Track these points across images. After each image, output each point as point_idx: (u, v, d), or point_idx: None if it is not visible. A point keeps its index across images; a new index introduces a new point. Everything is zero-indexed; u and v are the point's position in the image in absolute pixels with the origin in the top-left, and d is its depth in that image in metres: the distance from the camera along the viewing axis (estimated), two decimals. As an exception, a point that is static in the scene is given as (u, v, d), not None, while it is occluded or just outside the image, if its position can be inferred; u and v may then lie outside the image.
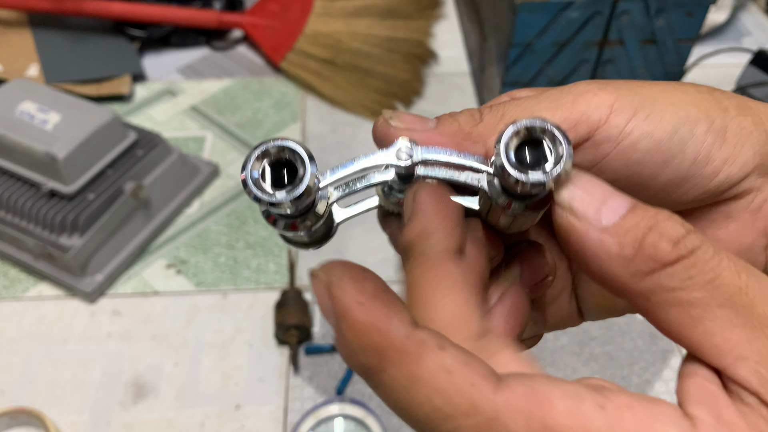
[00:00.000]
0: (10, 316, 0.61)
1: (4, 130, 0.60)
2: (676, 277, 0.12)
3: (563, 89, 0.16)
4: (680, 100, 0.15)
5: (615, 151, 0.15)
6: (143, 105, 0.84)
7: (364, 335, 0.12)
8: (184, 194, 0.71)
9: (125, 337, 0.59)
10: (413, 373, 0.12)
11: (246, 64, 0.91)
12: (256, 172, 0.15)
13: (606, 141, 0.15)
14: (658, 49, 0.68)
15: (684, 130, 0.15)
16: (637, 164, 0.15)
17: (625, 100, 0.15)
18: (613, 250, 0.13)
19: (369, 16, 0.90)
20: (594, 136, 0.15)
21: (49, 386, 0.56)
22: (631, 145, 0.15)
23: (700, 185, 0.15)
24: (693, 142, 0.15)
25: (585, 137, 0.15)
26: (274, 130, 0.81)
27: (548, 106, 0.15)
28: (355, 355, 0.12)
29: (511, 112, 0.15)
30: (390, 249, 0.73)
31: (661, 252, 0.12)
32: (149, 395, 0.55)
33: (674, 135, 0.15)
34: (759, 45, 0.95)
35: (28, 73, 0.83)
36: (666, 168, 0.15)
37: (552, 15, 0.63)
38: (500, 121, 0.15)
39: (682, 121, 0.15)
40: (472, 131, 0.15)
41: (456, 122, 0.16)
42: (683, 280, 0.12)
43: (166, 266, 0.65)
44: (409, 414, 0.12)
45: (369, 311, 0.12)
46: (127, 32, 0.90)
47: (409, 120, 0.15)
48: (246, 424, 0.53)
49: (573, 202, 0.14)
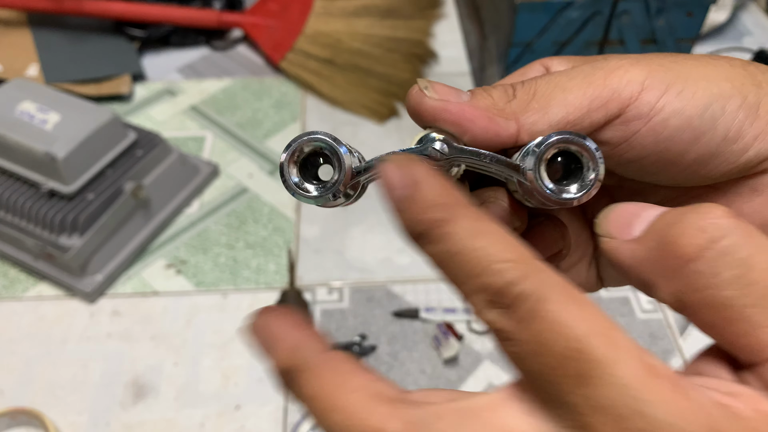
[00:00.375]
0: (10, 316, 0.61)
1: (3, 129, 0.60)
2: (703, 273, 0.12)
3: (595, 64, 0.16)
4: (713, 75, 0.15)
5: (645, 128, 0.15)
6: (143, 105, 0.84)
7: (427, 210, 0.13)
8: (183, 194, 0.70)
9: (125, 338, 0.59)
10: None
11: (246, 63, 0.91)
12: (296, 176, 0.15)
13: (637, 118, 0.15)
14: (658, 49, 0.68)
15: (716, 107, 0.15)
16: (668, 140, 0.15)
17: (656, 75, 0.15)
18: (641, 255, 0.13)
19: (369, 15, 0.90)
20: (625, 113, 0.15)
21: (49, 386, 0.56)
22: (662, 121, 0.15)
23: (729, 161, 0.15)
24: (724, 119, 0.15)
25: (616, 114, 0.15)
26: (274, 130, 0.81)
27: (580, 83, 0.15)
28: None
29: (543, 89, 0.15)
30: (389, 249, 0.73)
31: (682, 247, 0.12)
32: (149, 395, 0.55)
33: (706, 112, 0.15)
34: (759, 45, 0.95)
35: (27, 73, 0.83)
36: (696, 144, 0.15)
37: (552, 15, 0.63)
38: (533, 99, 0.15)
39: (714, 97, 0.15)
40: (504, 108, 0.15)
41: (490, 97, 0.16)
42: (710, 276, 0.12)
43: (165, 266, 0.65)
44: (465, 254, 0.12)
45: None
46: (127, 32, 0.90)
47: (444, 91, 0.15)
48: (246, 424, 0.53)
49: (609, 226, 0.14)
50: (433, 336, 0.58)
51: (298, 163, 0.16)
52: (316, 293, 0.63)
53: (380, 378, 0.13)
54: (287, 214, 0.71)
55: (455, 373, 0.56)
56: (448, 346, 0.56)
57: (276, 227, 0.69)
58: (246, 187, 0.74)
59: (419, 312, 0.60)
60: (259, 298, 0.62)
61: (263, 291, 0.63)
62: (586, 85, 0.15)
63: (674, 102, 0.15)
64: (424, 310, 0.60)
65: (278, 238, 0.68)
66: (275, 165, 0.76)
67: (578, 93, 0.15)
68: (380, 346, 0.58)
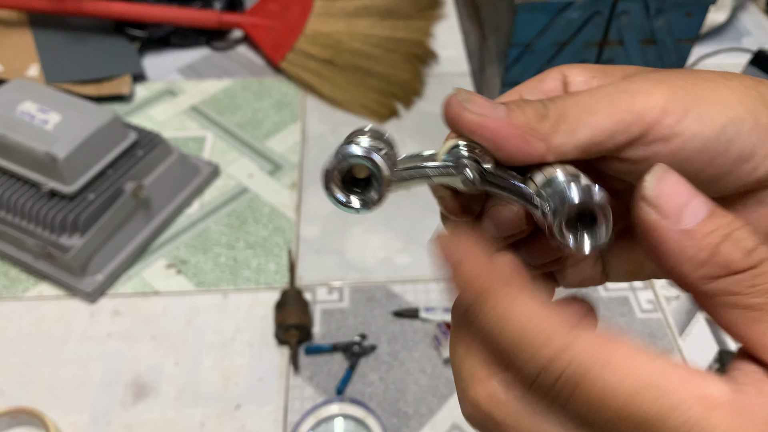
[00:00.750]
0: (10, 316, 0.61)
1: (4, 130, 0.60)
2: (741, 284, 0.14)
3: (620, 85, 0.16)
4: (729, 98, 0.16)
5: (665, 149, 0.16)
6: (143, 105, 0.84)
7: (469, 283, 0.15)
8: (184, 194, 0.71)
9: (125, 337, 0.59)
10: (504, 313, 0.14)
11: (246, 64, 0.92)
12: (341, 194, 0.16)
13: (658, 140, 0.16)
14: (657, 49, 0.68)
15: (731, 130, 0.16)
16: (685, 160, 0.16)
17: (677, 99, 0.16)
18: (690, 253, 0.14)
19: (369, 16, 0.90)
20: (647, 135, 0.16)
21: (50, 386, 0.56)
22: (681, 143, 0.16)
23: (740, 179, 0.16)
24: (738, 141, 0.16)
25: (638, 136, 0.16)
26: (274, 131, 0.81)
27: (606, 106, 0.16)
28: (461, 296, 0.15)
29: (572, 111, 0.16)
30: (389, 249, 0.74)
31: (734, 261, 0.14)
32: (149, 395, 0.55)
33: (721, 135, 0.16)
34: (759, 45, 0.95)
35: (28, 73, 0.83)
36: (711, 164, 0.16)
37: (552, 15, 0.63)
38: (562, 121, 0.16)
39: (730, 121, 0.16)
40: (537, 128, 0.16)
41: (524, 115, 0.16)
42: (747, 287, 0.14)
43: (166, 266, 0.65)
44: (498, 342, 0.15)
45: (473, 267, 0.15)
46: (128, 32, 0.90)
47: (482, 106, 0.16)
48: (246, 424, 0.53)
49: (660, 200, 0.14)
50: (433, 335, 0.58)
51: (340, 179, 0.17)
52: (316, 293, 0.63)
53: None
54: (287, 214, 0.71)
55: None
56: (448, 346, 0.56)
57: (276, 227, 0.69)
58: (246, 187, 0.74)
59: (419, 312, 0.60)
60: (259, 297, 0.62)
61: (263, 291, 0.63)
62: (612, 109, 0.16)
63: (693, 126, 0.16)
64: (424, 310, 0.61)
65: (278, 238, 0.68)
66: (275, 165, 0.76)
67: (604, 116, 0.16)
68: (380, 346, 0.58)
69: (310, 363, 0.57)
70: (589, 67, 0.18)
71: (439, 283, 0.64)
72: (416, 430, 0.53)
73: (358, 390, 0.55)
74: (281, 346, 0.59)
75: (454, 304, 0.17)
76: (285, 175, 0.75)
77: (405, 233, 0.69)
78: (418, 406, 0.54)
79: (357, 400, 0.51)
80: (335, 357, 0.58)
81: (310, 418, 0.49)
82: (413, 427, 0.53)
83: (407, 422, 0.53)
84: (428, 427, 0.53)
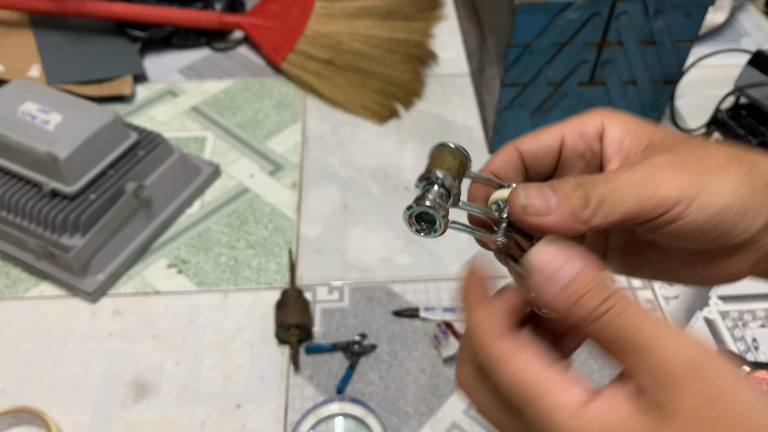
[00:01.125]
0: (12, 316, 0.61)
1: (5, 130, 0.60)
2: (599, 328, 0.19)
3: (646, 175, 0.21)
4: (726, 187, 0.21)
5: (671, 227, 0.21)
6: (144, 105, 0.85)
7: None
8: (185, 194, 0.71)
9: (126, 337, 0.59)
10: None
11: (247, 64, 0.92)
12: (413, 229, 0.23)
13: (667, 222, 0.21)
14: (657, 49, 0.68)
15: (721, 215, 0.21)
16: (685, 235, 0.21)
17: (687, 192, 0.21)
18: (560, 306, 0.20)
19: (369, 17, 0.91)
20: (660, 217, 0.21)
21: (51, 386, 0.56)
22: (682, 224, 0.21)
23: (720, 244, 0.22)
24: (722, 224, 0.21)
25: (654, 217, 0.21)
26: (274, 131, 0.81)
27: (635, 195, 0.21)
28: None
29: (609, 199, 0.21)
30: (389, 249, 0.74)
31: (591, 309, 0.19)
32: (150, 394, 0.55)
33: (712, 219, 0.21)
34: (757, 45, 0.96)
35: (29, 74, 0.83)
36: (697, 239, 0.21)
37: (551, 16, 0.64)
38: (600, 208, 0.21)
39: (720, 210, 0.21)
40: (581, 216, 0.21)
41: (570, 203, 0.21)
42: (606, 326, 0.19)
43: (167, 266, 0.66)
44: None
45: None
46: (129, 33, 0.90)
47: (539, 209, 0.21)
48: (247, 423, 0.53)
49: (538, 266, 0.20)
50: (433, 335, 0.58)
51: (414, 217, 0.22)
52: (316, 292, 0.63)
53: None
54: (288, 214, 0.71)
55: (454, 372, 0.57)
56: (447, 345, 0.57)
57: (277, 227, 0.69)
58: (247, 188, 0.74)
59: (419, 311, 0.61)
60: (259, 297, 0.63)
61: (264, 290, 0.63)
62: (639, 197, 0.21)
63: (694, 213, 0.21)
64: (423, 310, 0.61)
65: (279, 237, 0.68)
66: (276, 165, 0.77)
67: (633, 203, 0.21)
68: (380, 345, 0.59)
69: (310, 362, 0.57)
70: (624, 123, 0.23)
71: (439, 282, 0.64)
72: (416, 429, 0.53)
73: (359, 389, 0.55)
74: (282, 345, 0.59)
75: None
76: (285, 175, 0.75)
77: (405, 233, 0.69)
78: (417, 405, 0.54)
79: (357, 399, 0.52)
80: (335, 356, 0.58)
81: (310, 417, 0.49)
82: (413, 426, 0.53)
83: (407, 421, 0.53)
84: (428, 426, 0.53)
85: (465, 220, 0.24)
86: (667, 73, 0.71)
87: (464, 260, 0.66)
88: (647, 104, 0.74)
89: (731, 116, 0.77)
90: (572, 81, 0.70)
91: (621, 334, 0.18)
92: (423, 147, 0.80)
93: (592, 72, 0.70)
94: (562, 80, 0.70)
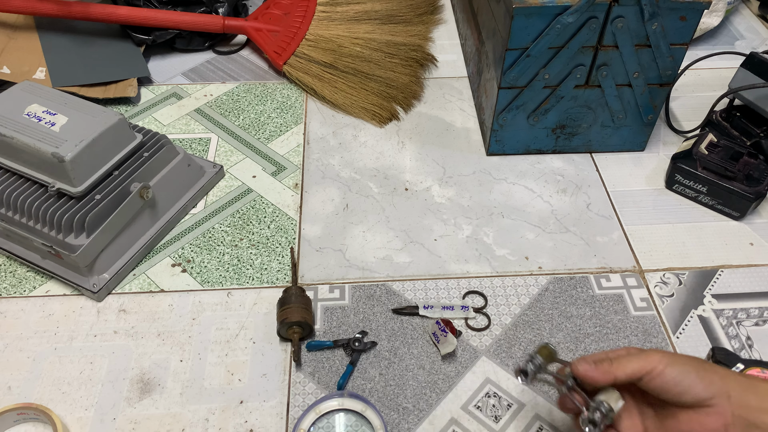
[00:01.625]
0: (18, 314, 0.62)
1: (12, 132, 0.61)
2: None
3: (645, 358, 0.42)
4: (689, 363, 0.41)
5: (653, 381, 0.41)
6: (149, 108, 0.86)
7: None
8: (189, 195, 0.72)
9: (131, 335, 0.60)
10: None
11: (249, 68, 0.93)
12: (519, 378, 0.46)
13: (652, 378, 0.41)
14: (652, 52, 0.69)
15: (679, 379, 0.40)
16: (660, 385, 0.41)
17: (663, 363, 0.41)
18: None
19: (369, 21, 0.92)
20: (647, 375, 0.41)
21: (56, 383, 0.57)
22: (659, 381, 0.41)
23: (682, 400, 0.41)
24: (681, 384, 0.40)
25: (645, 374, 0.42)
26: (277, 133, 0.82)
27: (637, 362, 0.42)
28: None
29: (622, 363, 0.42)
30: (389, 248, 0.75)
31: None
32: (155, 391, 0.56)
33: (675, 380, 0.40)
34: (751, 48, 0.97)
35: (35, 77, 0.84)
36: (669, 389, 0.41)
37: (548, 20, 0.65)
38: (619, 368, 0.42)
39: (680, 375, 0.40)
40: (609, 370, 0.42)
41: (603, 365, 0.42)
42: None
43: (171, 265, 0.67)
44: None
45: None
46: (133, 36, 0.91)
47: (587, 371, 0.43)
48: (249, 419, 0.54)
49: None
50: (432, 332, 0.59)
51: (520, 371, 0.46)
52: (318, 291, 0.64)
53: None
54: (290, 214, 0.72)
55: (453, 369, 0.58)
56: (446, 342, 0.58)
57: (279, 227, 0.71)
58: (250, 188, 0.75)
59: (418, 309, 0.62)
60: (262, 295, 0.64)
61: (266, 289, 0.64)
62: (640, 364, 0.41)
63: (666, 376, 0.40)
64: (423, 307, 0.62)
65: (281, 237, 0.69)
66: (278, 166, 0.78)
67: (636, 367, 0.41)
68: (380, 342, 0.60)
69: (312, 359, 0.58)
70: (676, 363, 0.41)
71: (438, 280, 0.65)
72: (415, 424, 0.54)
73: (359, 385, 0.56)
74: (284, 342, 0.60)
75: None
76: (288, 176, 0.77)
77: (404, 233, 0.70)
78: (417, 401, 0.55)
79: (355, 393, 0.53)
80: (336, 353, 0.59)
81: (310, 413, 0.50)
82: (412, 421, 0.54)
83: (407, 417, 0.54)
84: (427, 422, 0.54)
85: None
86: (662, 75, 0.72)
87: (462, 259, 0.67)
88: (642, 106, 0.75)
89: (725, 118, 0.78)
90: (568, 84, 0.71)
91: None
92: (422, 149, 0.81)
93: (588, 75, 0.71)
94: (559, 83, 0.71)
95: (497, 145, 0.79)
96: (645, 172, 0.78)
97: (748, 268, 0.67)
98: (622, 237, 0.70)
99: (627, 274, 0.66)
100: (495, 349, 0.59)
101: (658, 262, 0.67)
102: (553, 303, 0.63)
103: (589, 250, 0.68)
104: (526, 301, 0.63)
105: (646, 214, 0.73)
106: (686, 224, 0.71)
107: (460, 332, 0.60)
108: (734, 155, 0.71)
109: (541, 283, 0.65)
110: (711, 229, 0.71)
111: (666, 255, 0.68)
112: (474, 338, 0.60)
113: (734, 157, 0.71)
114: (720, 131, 0.77)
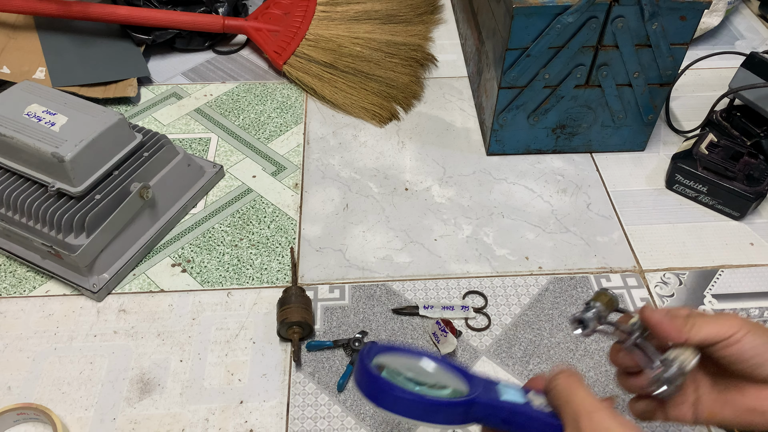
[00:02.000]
0: (18, 314, 0.62)
1: (12, 131, 0.61)
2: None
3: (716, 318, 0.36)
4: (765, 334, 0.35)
5: (728, 349, 0.35)
6: (149, 108, 0.86)
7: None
8: (189, 194, 0.72)
9: (131, 335, 0.60)
10: None
11: (249, 67, 0.93)
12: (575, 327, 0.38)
13: (728, 345, 0.35)
14: (652, 52, 0.69)
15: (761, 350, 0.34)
16: (736, 354, 0.35)
17: (743, 330, 0.34)
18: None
19: (369, 20, 0.92)
20: (725, 341, 0.35)
21: (56, 383, 0.57)
22: (736, 348, 0.35)
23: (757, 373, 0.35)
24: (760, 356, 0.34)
25: (721, 340, 0.35)
26: (277, 133, 0.82)
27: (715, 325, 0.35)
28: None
29: (698, 323, 0.35)
30: (389, 248, 0.75)
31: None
32: (155, 391, 0.56)
33: (754, 349, 0.34)
34: (751, 48, 0.97)
35: (35, 77, 0.84)
36: (746, 359, 0.34)
37: (548, 20, 0.65)
38: (693, 328, 0.35)
39: (760, 344, 0.34)
40: (683, 329, 0.35)
41: (678, 321, 0.35)
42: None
43: (171, 265, 0.67)
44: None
45: None
46: (133, 36, 0.91)
47: (664, 316, 0.36)
48: (249, 419, 0.54)
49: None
50: (432, 332, 0.59)
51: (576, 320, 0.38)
52: (318, 291, 0.64)
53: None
54: (290, 214, 0.72)
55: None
56: (446, 342, 0.58)
57: (279, 227, 0.71)
58: (250, 188, 0.75)
59: (418, 309, 0.62)
60: (262, 295, 0.64)
61: (266, 289, 0.64)
62: (718, 327, 0.35)
63: (743, 342, 0.34)
64: (422, 307, 0.62)
65: (281, 237, 0.69)
66: (278, 166, 0.78)
67: (713, 331, 0.34)
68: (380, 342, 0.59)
69: (311, 359, 0.58)
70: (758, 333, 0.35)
71: (438, 280, 0.65)
72: (416, 424, 0.54)
73: (359, 385, 0.56)
74: (284, 342, 0.60)
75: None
76: (288, 176, 0.77)
77: (404, 233, 0.70)
78: (417, 401, 0.55)
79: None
80: (336, 353, 0.59)
81: None
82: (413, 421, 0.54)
83: (407, 417, 0.54)
84: (428, 422, 0.54)
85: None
86: (662, 75, 0.72)
87: (462, 259, 0.67)
88: (642, 106, 0.75)
89: (725, 118, 0.78)
90: (569, 83, 0.71)
91: None
92: (422, 148, 0.81)
93: (588, 75, 0.71)
94: (559, 83, 0.71)
95: (497, 145, 0.79)
96: (645, 172, 0.78)
97: (749, 268, 0.67)
98: (623, 237, 0.70)
99: (627, 274, 0.66)
100: (495, 349, 0.59)
101: (658, 262, 0.67)
102: (553, 303, 0.63)
103: (589, 250, 0.68)
104: (527, 301, 0.63)
105: (646, 214, 0.73)
106: (686, 224, 0.71)
107: (461, 332, 0.60)
108: (734, 155, 0.71)
109: (542, 283, 0.65)
110: (711, 229, 0.71)
111: (666, 255, 0.68)
112: (474, 338, 0.60)
113: (734, 157, 0.71)
114: (720, 131, 0.77)
